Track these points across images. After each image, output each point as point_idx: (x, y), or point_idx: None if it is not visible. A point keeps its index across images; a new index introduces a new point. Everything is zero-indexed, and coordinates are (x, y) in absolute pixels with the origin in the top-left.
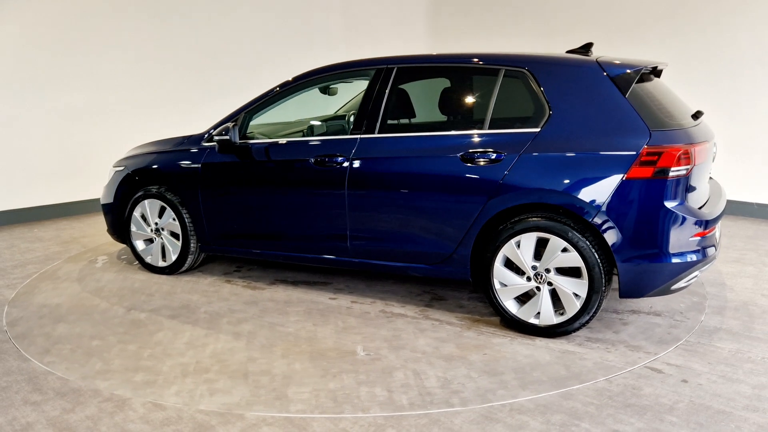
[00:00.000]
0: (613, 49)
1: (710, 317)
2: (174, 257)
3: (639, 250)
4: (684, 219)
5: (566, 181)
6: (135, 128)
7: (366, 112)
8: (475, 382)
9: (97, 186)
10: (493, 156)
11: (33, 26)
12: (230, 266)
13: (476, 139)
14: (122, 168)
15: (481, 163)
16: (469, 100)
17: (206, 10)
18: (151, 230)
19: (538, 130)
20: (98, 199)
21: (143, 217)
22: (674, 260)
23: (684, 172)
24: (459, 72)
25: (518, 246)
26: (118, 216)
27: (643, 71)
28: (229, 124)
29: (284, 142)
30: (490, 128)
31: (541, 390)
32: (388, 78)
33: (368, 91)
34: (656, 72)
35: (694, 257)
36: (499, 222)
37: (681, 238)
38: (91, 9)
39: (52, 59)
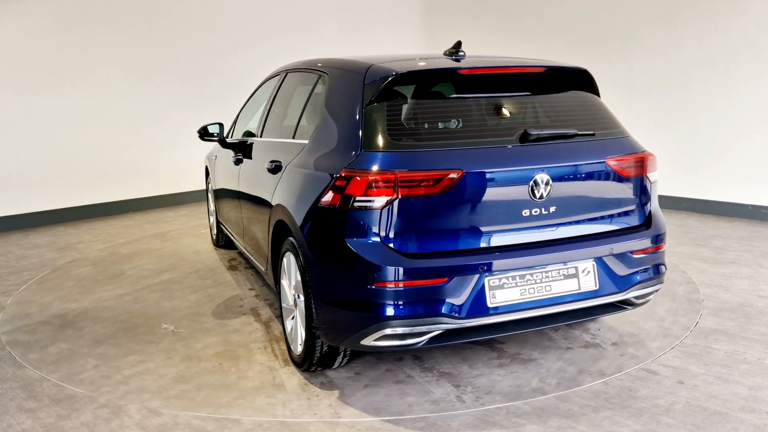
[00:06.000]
0: (604, 53)
1: (706, 318)
2: (215, 232)
3: (323, 289)
4: (363, 262)
5: (294, 201)
6: (131, 134)
7: (264, 115)
8: (125, 386)
9: (93, 192)
10: (275, 167)
11: (29, 32)
12: None
13: (277, 148)
14: None
15: (270, 173)
16: (296, 106)
17: (201, 14)
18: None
19: (307, 141)
20: (93, 205)
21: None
22: (351, 310)
23: (377, 204)
24: (303, 76)
25: (286, 265)
26: None
27: (395, 77)
28: (211, 123)
29: (237, 140)
30: (295, 137)
31: (169, 407)
32: (279, 83)
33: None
34: (572, 78)
35: (383, 311)
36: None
37: (359, 285)
38: (87, 15)
39: (48, 65)
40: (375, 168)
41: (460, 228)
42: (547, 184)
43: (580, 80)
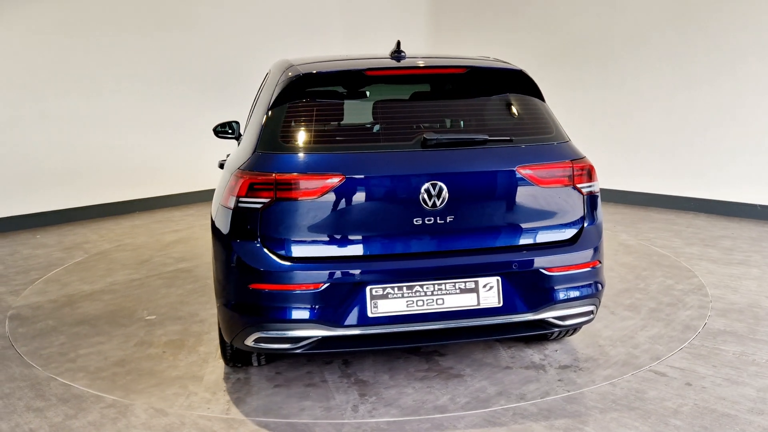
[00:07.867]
0: (611, 54)
1: (714, 320)
2: None
3: (217, 287)
4: (241, 263)
5: (214, 200)
6: (138, 135)
7: (249, 114)
8: (72, 364)
9: (100, 192)
10: (220, 164)
11: (35, 31)
12: None
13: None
14: None
15: (221, 171)
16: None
17: (206, 15)
18: None
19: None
20: (100, 205)
21: None
22: (233, 310)
23: (257, 205)
24: (266, 76)
25: None
26: None
27: (298, 79)
28: (231, 121)
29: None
30: (243, 135)
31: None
32: (262, 83)
33: None
34: (512, 80)
35: (257, 313)
36: None
37: (238, 286)
38: (94, 15)
39: (54, 64)
40: (259, 169)
41: (340, 234)
42: (441, 192)
43: (516, 82)
